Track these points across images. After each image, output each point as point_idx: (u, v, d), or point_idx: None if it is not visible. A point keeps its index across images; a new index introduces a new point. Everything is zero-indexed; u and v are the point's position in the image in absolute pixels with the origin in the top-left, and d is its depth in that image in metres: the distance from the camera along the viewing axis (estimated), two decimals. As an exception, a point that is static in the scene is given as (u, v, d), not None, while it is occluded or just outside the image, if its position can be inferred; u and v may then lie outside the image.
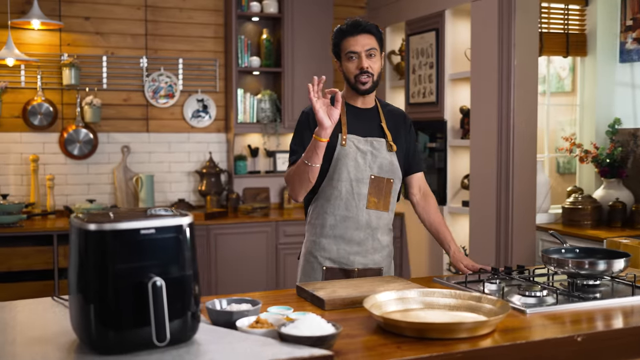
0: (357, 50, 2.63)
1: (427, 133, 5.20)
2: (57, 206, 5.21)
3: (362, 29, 2.65)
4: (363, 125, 2.72)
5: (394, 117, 2.81)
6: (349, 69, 2.67)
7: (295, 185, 2.60)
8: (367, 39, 2.64)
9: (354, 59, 2.65)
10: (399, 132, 2.78)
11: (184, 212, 1.71)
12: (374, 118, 2.76)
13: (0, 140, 5.12)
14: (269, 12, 5.57)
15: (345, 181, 2.66)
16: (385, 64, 5.83)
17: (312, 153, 2.48)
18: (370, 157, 2.69)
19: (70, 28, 5.25)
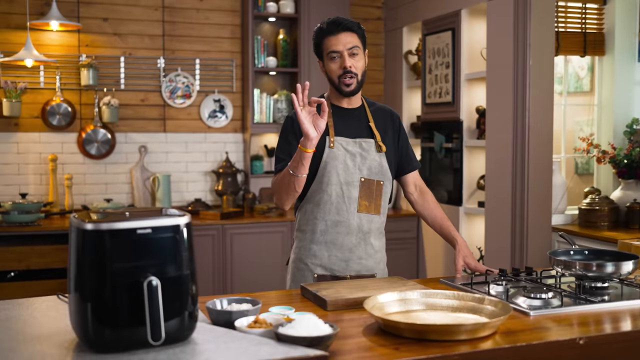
0: (339, 49, 2.55)
1: (443, 133, 5.17)
2: (75, 205, 5.27)
3: (343, 27, 2.56)
4: (350, 126, 2.65)
5: (382, 115, 2.74)
6: (331, 69, 2.59)
7: (281, 195, 2.54)
8: (349, 37, 2.56)
9: (336, 58, 2.57)
10: (387, 131, 2.71)
11: (182, 212, 1.72)
12: (362, 118, 2.69)
13: (19, 140, 5.19)
14: (285, 12, 5.58)
15: (335, 184, 2.60)
16: (402, 63, 5.81)
17: (297, 163, 2.41)
18: (359, 159, 2.62)
19: (89, 29, 5.31)
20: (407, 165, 2.77)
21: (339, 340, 1.80)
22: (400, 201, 5.89)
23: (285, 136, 2.65)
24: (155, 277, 1.60)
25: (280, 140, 2.67)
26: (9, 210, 4.81)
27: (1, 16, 5.11)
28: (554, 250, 2.47)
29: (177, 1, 5.52)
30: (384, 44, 6.11)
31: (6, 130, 5.16)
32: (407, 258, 5.56)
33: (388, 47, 6.06)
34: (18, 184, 5.20)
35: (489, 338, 1.84)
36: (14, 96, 5.03)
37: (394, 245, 5.46)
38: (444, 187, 5.21)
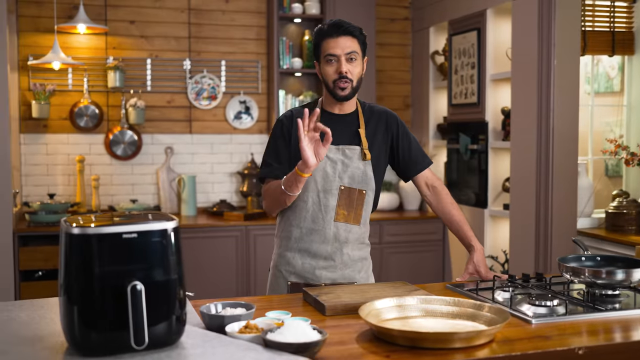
0: (337, 53, 2.49)
1: (468, 134, 5.11)
2: (102, 206, 5.34)
3: (343, 30, 2.50)
4: (337, 132, 2.56)
5: (374, 121, 2.66)
6: (327, 73, 2.53)
7: (271, 205, 2.55)
8: (349, 42, 2.50)
9: (333, 62, 2.51)
10: (377, 137, 2.63)
11: (171, 216, 1.72)
12: (352, 124, 2.62)
13: (48, 142, 5.28)
14: (310, 13, 5.57)
15: (312, 192, 2.55)
16: (429, 64, 5.76)
17: (291, 184, 2.38)
18: (340, 166, 2.57)
19: (116, 32, 5.37)
20: (412, 167, 2.69)
21: (330, 347, 1.78)
22: (425, 203, 5.82)
23: (274, 140, 2.62)
24: (142, 281, 1.60)
25: (269, 143, 2.63)
26: (37, 211, 4.90)
27: (30, 20, 5.20)
28: (564, 257, 2.41)
29: (203, 3, 5.56)
30: (411, 45, 6.06)
31: (35, 132, 5.25)
32: (432, 261, 5.50)
33: (415, 47, 6.01)
34: (47, 185, 5.29)
35: (485, 346, 1.80)
36: (43, 98, 5.12)
37: (420, 247, 5.42)
38: (470, 189, 5.14)
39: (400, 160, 2.68)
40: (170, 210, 5.42)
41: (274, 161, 2.57)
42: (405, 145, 2.68)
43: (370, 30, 5.58)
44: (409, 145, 2.69)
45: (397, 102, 6.06)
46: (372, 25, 5.60)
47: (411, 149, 2.69)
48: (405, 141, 2.68)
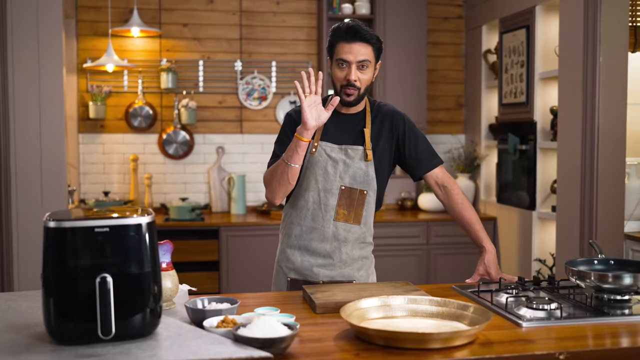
0: (349, 59, 2.48)
1: (517, 135, 4.99)
2: (154, 204, 5.50)
3: (359, 37, 2.48)
4: (342, 131, 2.59)
5: (381, 120, 2.64)
6: (336, 76, 2.52)
7: (273, 187, 2.50)
8: (363, 49, 2.48)
9: (344, 67, 2.50)
10: (381, 137, 2.62)
11: (149, 211, 1.77)
12: (358, 123, 2.62)
13: (104, 141, 5.49)
14: (360, 13, 5.57)
15: (313, 191, 2.57)
16: (481, 63, 5.66)
17: (292, 152, 2.38)
18: (342, 166, 2.57)
19: (170, 34, 5.53)
20: (419, 167, 2.65)
21: (305, 343, 1.80)
22: (479, 203, 5.74)
23: (283, 133, 2.64)
24: (116, 274, 1.67)
25: (279, 136, 2.65)
26: (91, 208, 5.08)
27: (89, 24, 5.42)
28: (573, 260, 2.33)
29: (255, 5, 5.65)
30: (464, 43, 5.97)
31: (93, 132, 5.47)
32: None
33: (468, 46, 5.91)
34: (103, 183, 5.50)
35: (464, 347, 1.77)
36: (99, 99, 5.33)
37: (469, 249, 5.33)
38: (518, 190, 5.02)
39: (406, 159, 2.66)
40: (220, 209, 5.53)
41: (282, 152, 2.59)
42: (411, 144, 2.64)
43: (421, 29, 5.54)
44: (416, 145, 2.65)
45: (450, 102, 5.98)
46: (423, 24, 5.55)
47: (418, 148, 2.65)
48: (411, 141, 2.64)
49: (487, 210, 5.61)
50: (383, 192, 2.69)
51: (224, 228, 5.05)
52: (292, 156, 2.39)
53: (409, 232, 5.33)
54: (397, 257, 5.27)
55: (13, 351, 1.62)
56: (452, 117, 5.99)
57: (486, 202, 5.64)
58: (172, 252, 5.24)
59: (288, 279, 2.64)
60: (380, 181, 2.63)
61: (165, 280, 2.05)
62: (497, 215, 5.42)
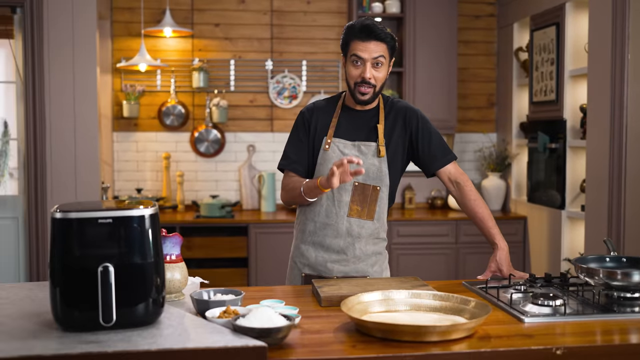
0: (364, 57, 2.50)
1: (547, 133, 4.94)
2: (186, 201, 5.60)
3: (374, 36, 2.49)
4: (355, 128, 2.61)
5: (394, 114, 2.65)
6: (351, 74, 2.55)
7: (288, 200, 2.65)
8: (377, 47, 2.50)
9: (358, 64, 2.52)
10: (394, 133, 2.63)
11: (153, 204, 1.82)
12: (371, 120, 2.64)
13: (138, 139, 5.60)
14: (391, 12, 5.58)
15: None
16: (512, 61, 5.61)
17: (311, 192, 2.49)
18: None
19: (202, 34, 5.62)
20: (432, 163, 2.66)
21: (305, 334, 1.83)
22: (509, 203, 5.69)
23: (296, 131, 2.68)
24: (119, 264, 1.72)
25: (291, 135, 2.70)
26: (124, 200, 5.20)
27: (123, 25, 5.54)
28: (583, 257, 2.32)
29: (285, 5, 5.70)
30: (496, 42, 5.93)
31: (127, 130, 5.59)
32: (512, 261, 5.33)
33: (500, 44, 5.87)
34: (137, 180, 5.62)
35: (462, 341, 1.78)
36: (133, 98, 5.44)
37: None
38: (549, 189, 4.97)
39: (420, 155, 2.66)
40: (251, 206, 5.60)
41: (293, 153, 2.64)
42: (425, 141, 2.65)
43: (452, 27, 5.52)
44: (429, 141, 2.65)
45: (481, 101, 5.94)
46: (454, 23, 5.53)
47: (431, 144, 2.66)
48: (425, 137, 2.65)
49: (518, 210, 5.56)
50: (396, 188, 2.70)
51: (253, 225, 5.12)
52: (310, 195, 2.51)
53: (438, 230, 5.31)
54: (425, 255, 5.27)
55: (21, 337, 1.68)
56: (483, 116, 5.95)
57: (517, 201, 5.59)
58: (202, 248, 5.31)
59: (302, 275, 2.67)
60: (393, 177, 2.65)
61: (174, 272, 2.10)
62: (527, 215, 5.37)
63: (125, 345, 1.62)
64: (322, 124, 2.65)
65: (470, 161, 5.93)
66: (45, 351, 1.58)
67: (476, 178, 5.89)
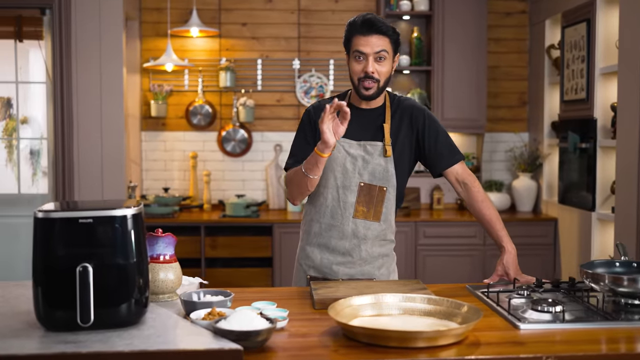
0: (366, 51, 2.46)
1: (578, 132, 4.80)
2: (212, 200, 5.62)
3: (375, 29, 2.45)
4: (361, 128, 2.56)
5: (400, 115, 2.59)
6: (353, 70, 2.50)
7: (293, 192, 2.52)
8: (380, 41, 2.46)
9: (361, 59, 2.47)
10: (400, 132, 2.57)
11: (138, 204, 1.81)
12: (377, 119, 2.58)
13: (166, 139, 5.64)
14: (419, 9, 5.50)
15: (332, 188, 2.54)
16: (544, 59, 5.48)
17: (312, 165, 2.36)
18: (361, 162, 2.53)
19: (229, 34, 5.63)
20: (439, 163, 2.59)
21: (289, 337, 1.81)
22: (541, 204, 5.56)
23: (302, 130, 2.63)
24: (100, 264, 1.72)
25: (297, 134, 2.65)
26: (151, 203, 5.25)
27: (152, 25, 5.58)
28: (590, 262, 2.23)
29: (313, 4, 5.67)
30: (528, 39, 5.80)
31: (154, 130, 5.63)
32: (541, 264, 5.22)
33: (533, 41, 5.74)
34: (164, 179, 5.66)
35: (451, 347, 1.73)
36: (160, 98, 5.48)
37: (529, 250, 5.18)
38: (579, 191, 4.83)
39: (426, 155, 2.61)
40: (277, 206, 5.59)
41: (300, 152, 2.58)
42: (432, 140, 2.59)
43: (481, 25, 5.42)
44: (436, 141, 2.59)
45: (513, 99, 5.82)
46: (483, 20, 5.42)
47: (438, 144, 2.59)
48: (432, 136, 2.59)
49: (549, 211, 5.43)
50: (404, 189, 2.65)
51: (278, 225, 5.10)
52: (312, 169, 2.38)
53: (465, 232, 5.22)
54: (451, 257, 5.18)
55: (3, 335, 1.69)
56: (515, 115, 5.83)
57: (548, 202, 5.46)
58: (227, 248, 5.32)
59: (307, 277, 2.63)
60: (400, 177, 2.59)
61: (168, 272, 2.09)
62: (558, 216, 5.23)
63: (102, 346, 1.61)
64: None
65: (501, 161, 5.82)
66: (22, 350, 1.58)
67: (507, 178, 5.77)
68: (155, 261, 2.09)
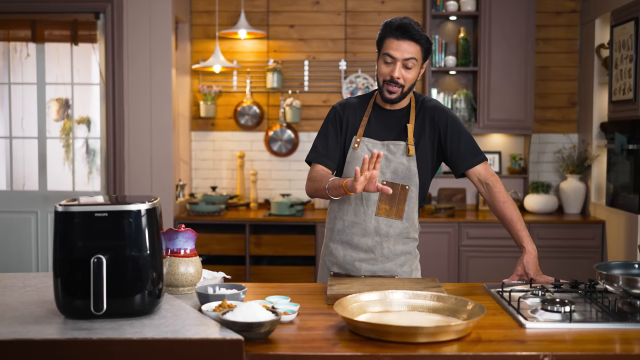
0: (396, 56, 2.48)
1: (626, 133, 4.71)
2: (259, 199, 5.72)
3: (408, 36, 2.48)
4: (385, 128, 2.60)
5: (424, 116, 2.62)
6: (381, 71, 2.54)
7: (313, 193, 2.61)
8: (411, 47, 2.48)
9: (389, 62, 2.51)
10: (424, 133, 2.60)
11: (154, 198, 1.90)
12: (402, 119, 2.62)
13: (215, 139, 5.78)
14: (466, 10, 5.48)
15: None
16: (594, 59, 5.38)
17: (335, 190, 2.44)
18: (384, 161, 2.56)
19: (277, 36, 5.72)
20: (461, 163, 2.61)
21: (296, 330, 1.87)
22: (589, 206, 5.46)
23: (326, 125, 2.68)
24: (115, 256, 1.81)
25: (322, 129, 2.70)
26: (199, 202, 5.39)
27: (202, 28, 5.73)
28: (607, 263, 2.21)
29: (360, 5, 5.72)
30: (578, 39, 5.70)
31: (204, 130, 5.78)
32: (586, 267, 5.13)
33: (583, 41, 5.64)
34: (213, 178, 5.80)
35: (452, 343, 1.76)
36: (209, 99, 5.62)
37: (575, 253, 5.12)
38: (627, 193, 4.73)
39: (448, 155, 2.63)
40: (323, 205, 5.65)
41: (322, 147, 2.65)
42: (454, 141, 2.61)
43: (529, 25, 5.36)
44: (459, 141, 2.61)
45: (562, 100, 5.73)
46: (532, 20, 5.36)
47: (460, 145, 2.61)
48: (454, 137, 2.61)
49: (597, 214, 5.32)
50: (427, 188, 2.68)
51: (320, 224, 5.17)
52: (335, 193, 2.46)
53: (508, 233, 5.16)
54: (494, 258, 5.15)
55: (26, 322, 1.80)
56: (564, 116, 5.74)
57: (596, 205, 5.36)
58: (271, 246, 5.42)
59: (331, 273, 2.69)
60: (423, 176, 2.62)
61: (188, 266, 2.18)
62: (605, 219, 5.13)
63: (112, 333, 1.70)
64: (352, 122, 2.66)
65: (549, 162, 5.73)
66: (38, 336, 1.69)
67: (554, 180, 5.69)
68: (176, 255, 2.17)
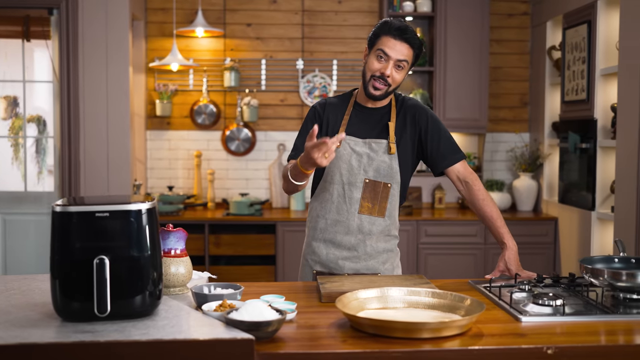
0: (390, 54, 2.51)
1: (578, 133, 4.86)
2: (216, 198, 5.68)
3: (405, 38, 2.51)
4: (366, 126, 2.63)
5: (405, 114, 2.66)
6: (371, 66, 2.55)
7: (285, 187, 2.57)
8: (405, 50, 2.52)
9: (382, 59, 2.53)
10: (405, 131, 2.64)
11: (152, 199, 1.87)
12: (383, 117, 2.65)
13: (170, 138, 5.71)
14: (422, 10, 5.56)
15: (337, 184, 2.60)
16: (545, 60, 5.54)
17: (296, 176, 2.41)
18: (366, 159, 2.60)
19: (233, 34, 5.69)
20: (441, 161, 2.65)
21: (299, 329, 1.86)
22: (541, 203, 5.62)
23: (306, 124, 2.69)
24: (116, 257, 1.77)
25: (302, 128, 2.70)
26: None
27: (157, 25, 5.65)
28: (590, 257, 2.29)
29: (317, 5, 5.73)
30: (529, 40, 5.86)
31: (159, 129, 5.69)
32: (541, 263, 5.28)
33: (534, 43, 5.80)
34: (169, 178, 5.72)
35: (454, 338, 1.79)
36: (165, 98, 5.54)
37: (529, 249, 5.23)
38: (579, 190, 4.89)
39: (428, 154, 2.66)
40: (280, 205, 5.64)
41: (302, 146, 2.62)
42: (434, 139, 2.65)
43: (484, 26, 5.47)
44: (439, 140, 2.65)
45: (514, 100, 5.88)
46: (486, 22, 5.48)
47: (440, 143, 2.65)
48: (434, 135, 2.65)
49: (549, 211, 5.49)
50: (407, 186, 2.71)
51: (281, 223, 5.16)
52: (297, 178, 2.43)
53: (467, 231, 5.28)
54: (453, 255, 5.24)
55: (22, 325, 1.75)
56: (516, 115, 5.89)
57: (548, 202, 5.52)
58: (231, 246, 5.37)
59: (314, 272, 2.69)
60: (404, 174, 2.66)
61: (179, 266, 2.15)
62: (558, 216, 5.30)
63: (118, 336, 1.67)
64: (333, 121, 2.67)
65: (502, 161, 5.88)
66: (42, 339, 1.64)
67: (508, 178, 5.83)
68: (167, 255, 2.14)
